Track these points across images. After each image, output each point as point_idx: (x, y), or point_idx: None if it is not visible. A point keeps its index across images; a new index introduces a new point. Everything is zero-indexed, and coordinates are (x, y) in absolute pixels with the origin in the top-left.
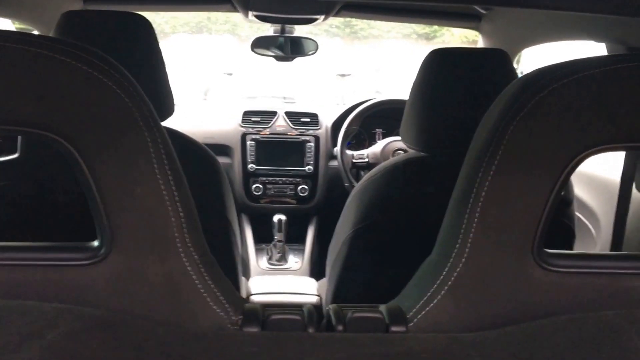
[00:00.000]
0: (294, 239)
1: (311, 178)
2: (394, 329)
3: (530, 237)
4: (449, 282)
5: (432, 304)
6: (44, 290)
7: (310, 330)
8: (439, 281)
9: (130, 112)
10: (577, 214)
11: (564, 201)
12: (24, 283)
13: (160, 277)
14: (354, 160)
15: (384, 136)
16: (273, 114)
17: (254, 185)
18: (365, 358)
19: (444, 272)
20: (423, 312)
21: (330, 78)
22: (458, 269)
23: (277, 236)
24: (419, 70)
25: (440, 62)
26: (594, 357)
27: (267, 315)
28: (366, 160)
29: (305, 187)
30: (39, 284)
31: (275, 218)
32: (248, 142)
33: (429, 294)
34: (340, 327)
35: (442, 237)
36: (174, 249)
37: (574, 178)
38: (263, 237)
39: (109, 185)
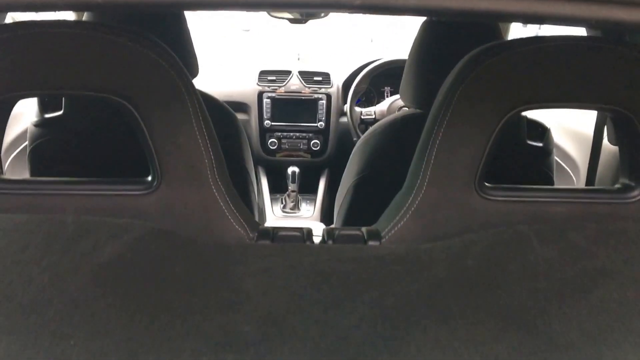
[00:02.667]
0: (307, 189)
1: (323, 133)
2: (370, 243)
3: (473, 174)
4: (412, 209)
5: (399, 225)
6: (111, 214)
7: (308, 243)
8: (404, 208)
9: (175, 82)
10: (559, 161)
11: (545, 152)
12: (96, 208)
13: (196, 204)
14: (362, 117)
15: (392, 94)
16: (288, 73)
17: (270, 140)
18: (345, 259)
19: (409, 201)
20: (392, 231)
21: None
22: (419, 199)
23: (291, 187)
24: (416, 37)
25: (434, 31)
26: (503, 253)
27: (276, 233)
28: (373, 116)
29: (317, 141)
30: (107, 209)
31: (290, 170)
32: (264, 100)
33: (397, 217)
34: (330, 242)
35: (409, 175)
36: (206, 183)
37: (560, 132)
38: (278, 188)
39: (159, 135)
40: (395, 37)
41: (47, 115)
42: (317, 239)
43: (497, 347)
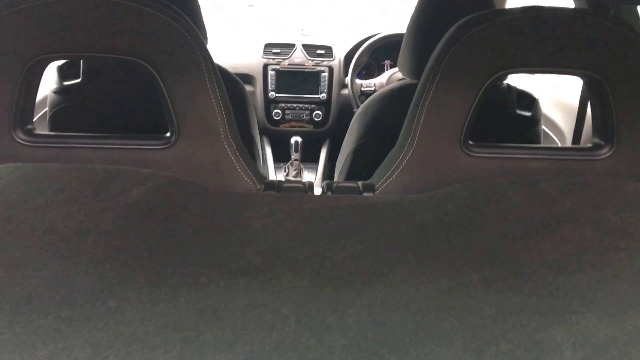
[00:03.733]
0: (309, 158)
1: (325, 105)
2: (365, 194)
3: (459, 133)
4: (403, 164)
5: (391, 179)
6: (133, 166)
7: (309, 193)
8: (396, 163)
9: (193, 49)
10: (547, 130)
11: (532, 120)
12: (120, 161)
13: (209, 157)
14: (362, 89)
15: (391, 67)
16: (291, 46)
17: (274, 111)
18: (341, 206)
19: (400, 157)
20: (385, 184)
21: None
22: (409, 155)
23: (294, 156)
24: (414, 9)
25: (431, 4)
26: (481, 199)
27: (281, 185)
28: (373, 88)
29: (320, 112)
30: (130, 162)
31: (293, 140)
32: (269, 72)
33: (390, 172)
34: (329, 193)
35: (402, 134)
36: (218, 139)
37: (549, 103)
38: (281, 157)
39: (177, 96)
40: (399, 10)
41: (66, 83)
42: (317, 192)
43: (471, 276)
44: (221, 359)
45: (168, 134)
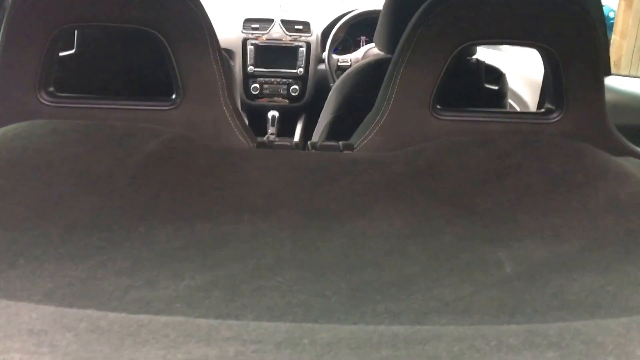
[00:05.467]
0: (285, 132)
1: (302, 79)
2: (345, 151)
3: (428, 98)
4: (379, 126)
5: (368, 138)
6: (144, 124)
7: (296, 151)
8: (373, 125)
9: (198, 18)
10: (513, 103)
11: (500, 94)
12: (131, 119)
13: (210, 118)
14: (339, 64)
15: (367, 43)
16: (270, 21)
17: (253, 85)
18: (325, 159)
19: (376, 120)
20: (363, 143)
21: None
22: (384, 117)
23: (271, 130)
24: None
25: None
26: (446, 154)
27: (271, 143)
28: (349, 64)
29: (297, 87)
30: (140, 120)
31: (270, 114)
32: (248, 47)
33: (367, 132)
34: (313, 151)
35: (378, 99)
36: (218, 101)
37: (515, 78)
38: (259, 131)
39: (183, 62)
40: None
41: (60, 54)
42: None
43: (434, 213)
44: (235, 269)
45: (174, 96)
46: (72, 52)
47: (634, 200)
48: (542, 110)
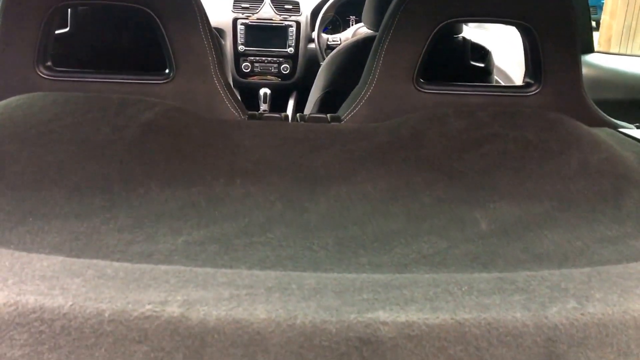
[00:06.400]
0: (277, 109)
1: (292, 58)
2: (332, 123)
3: (412, 72)
4: (365, 98)
5: (355, 111)
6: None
7: (286, 122)
8: (359, 98)
9: None
10: (498, 79)
11: (485, 71)
12: (127, 93)
13: (202, 92)
14: (328, 43)
15: (356, 22)
16: (260, 1)
17: (244, 64)
18: (314, 129)
19: (362, 93)
20: (350, 115)
21: None
22: (370, 91)
23: (263, 107)
24: None
25: None
26: (428, 125)
27: (261, 115)
28: (339, 42)
29: (287, 65)
30: (136, 94)
31: (261, 92)
32: (239, 27)
33: (354, 105)
34: (302, 122)
35: (364, 73)
36: (210, 76)
37: (501, 56)
38: (251, 108)
39: (175, 38)
40: None
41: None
42: None
43: (415, 178)
44: (228, 226)
45: (167, 71)
46: (66, 30)
47: (604, 166)
48: (521, 84)
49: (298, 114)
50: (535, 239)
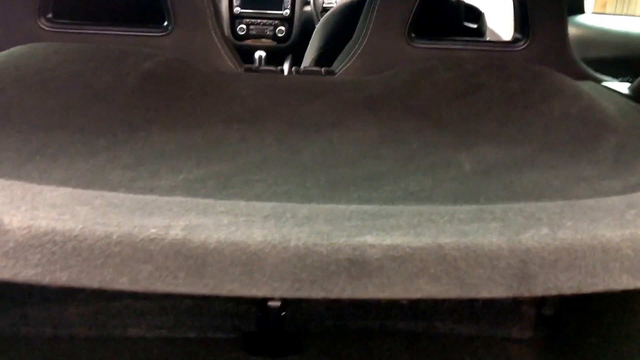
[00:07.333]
0: None
1: (288, 20)
2: (326, 76)
3: (404, 27)
4: (358, 52)
5: (348, 64)
6: None
7: (281, 74)
8: (352, 52)
9: None
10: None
11: (479, 33)
12: (127, 44)
13: (200, 44)
14: (324, 5)
15: None
16: None
17: (239, 26)
18: (308, 81)
19: (356, 47)
20: (343, 69)
21: None
22: (363, 45)
23: None
24: None
25: None
26: (418, 76)
27: (258, 68)
28: (334, 5)
29: (283, 28)
30: (135, 45)
31: (257, 54)
32: None
33: (347, 59)
34: (297, 75)
35: (357, 28)
36: (207, 29)
37: (493, 18)
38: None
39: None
40: None
41: None
42: None
43: (405, 124)
44: (226, 166)
45: (165, 23)
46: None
47: (584, 115)
48: (510, 39)
49: (294, 68)
50: (515, 179)
